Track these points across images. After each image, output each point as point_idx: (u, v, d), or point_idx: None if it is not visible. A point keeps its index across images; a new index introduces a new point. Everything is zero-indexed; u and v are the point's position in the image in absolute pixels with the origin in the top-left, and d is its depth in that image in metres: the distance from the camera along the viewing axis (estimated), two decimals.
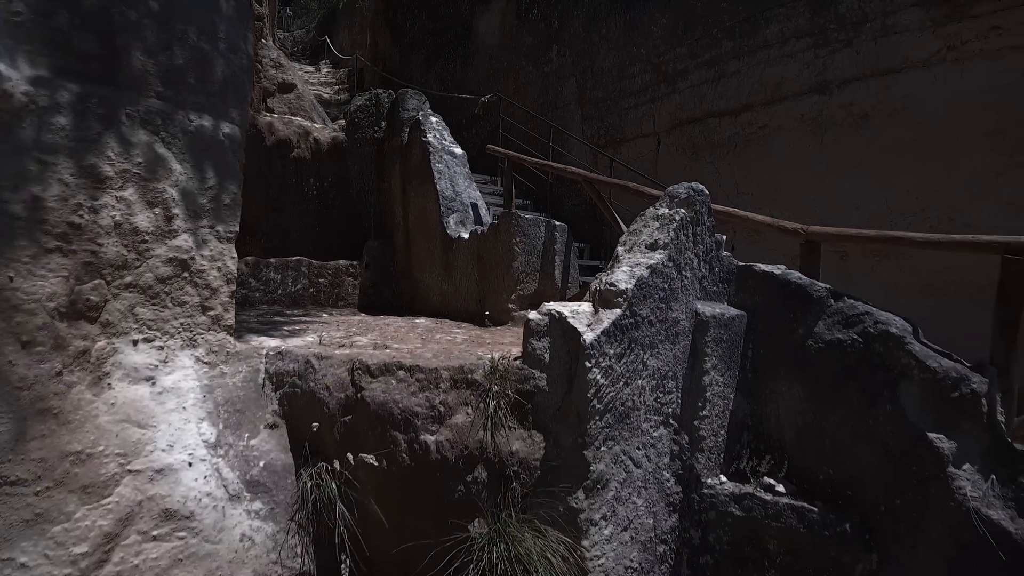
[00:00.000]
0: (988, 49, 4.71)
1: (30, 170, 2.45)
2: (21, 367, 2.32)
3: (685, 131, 6.90)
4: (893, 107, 5.21)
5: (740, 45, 6.36)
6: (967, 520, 2.83)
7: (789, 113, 5.92)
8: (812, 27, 5.76)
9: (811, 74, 5.77)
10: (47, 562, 2.28)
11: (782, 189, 5.87)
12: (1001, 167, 4.53)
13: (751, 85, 6.25)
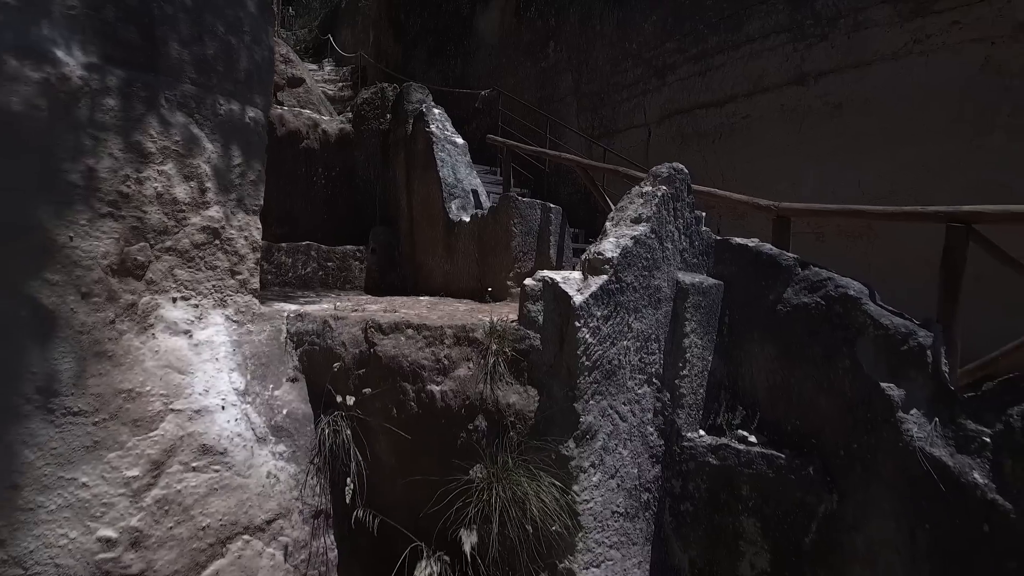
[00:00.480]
0: (950, 42, 5.05)
1: (86, 144, 2.79)
2: (81, 314, 2.66)
3: (674, 122, 7.26)
4: (865, 97, 5.56)
5: (725, 40, 6.71)
6: (913, 458, 3.16)
7: (770, 104, 6.27)
8: (791, 23, 6.11)
9: (790, 67, 6.13)
10: (104, 483, 2.62)
11: (763, 175, 6.21)
12: (963, 151, 4.87)
13: (735, 78, 6.60)
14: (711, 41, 6.87)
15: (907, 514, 3.16)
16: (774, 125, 6.21)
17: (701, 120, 6.96)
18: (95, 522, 2.56)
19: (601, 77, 8.28)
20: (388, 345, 3.41)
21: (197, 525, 2.82)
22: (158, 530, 2.69)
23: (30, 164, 2.59)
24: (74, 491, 2.55)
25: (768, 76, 6.30)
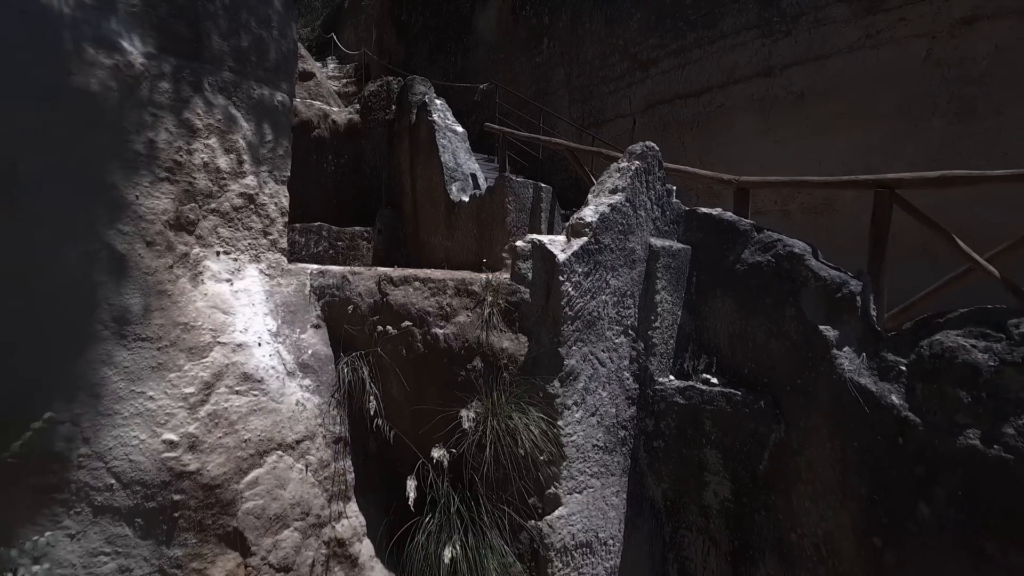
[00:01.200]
0: (897, 37, 5.59)
1: (146, 120, 3.31)
2: (146, 259, 3.19)
3: (657, 111, 7.80)
4: (824, 87, 6.10)
5: (701, 36, 7.25)
6: (845, 387, 3.68)
7: (741, 94, 6.81)
8: (760, 20, 6.65)
9: (759, 60, 6.67)
10: (166, 397, 3.15)
11: (736, 158, 6.76)
12: (908, 133, 5.40)
13: (710, 70, 7.14)
14: (689, 37, 7.42)
15: (840, 435, 3.69)
16: (745, 113, 6.75)
17: (680, 109, 7.51)
18: (160, 428, 3.09)
19: (591, 71, 8.83)
20: (398, 295, 3.95)
21: (240, 438, 3.35)
22: (210, 438, 3.22)
23: (105, 135, 3.11)
24: (143, 402, 3.08)
25: (739, 69, 6.84)
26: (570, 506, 4.26)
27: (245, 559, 3.33)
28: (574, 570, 4.30)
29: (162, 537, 3.08)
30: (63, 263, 2.90)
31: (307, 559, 3.60)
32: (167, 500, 3.07)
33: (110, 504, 2.95)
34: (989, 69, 5.27)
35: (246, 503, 3.33)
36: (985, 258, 3.55)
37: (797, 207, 6.09)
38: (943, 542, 3.19)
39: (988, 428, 3.05)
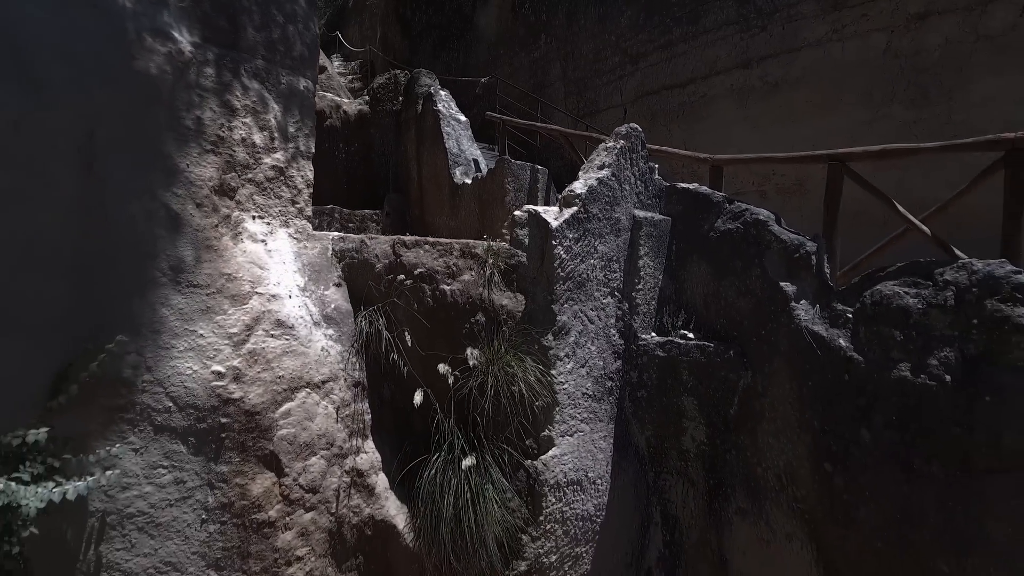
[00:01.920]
0: (860, 31, 6.08)
1: (195, 100, 3.80)
2: (196, 218, 3.68)
3: (645, 101, 8.29)
4: (796, 77, 6.59)
5: (686, 31, 7.75)
6: (801, 334, 4.18)
7: (722, 84, 7.30)
8: (738, 16, 7.14)
9: (737, 53, 7.16)
10: (214, 335, 3.64)
11: (717, 143, 7.24)
12: (869, 119, 5.88)
13: (694, 63, 7.63)
14: (675, 32, 7.91)
15: (797, 377, 4.19)
16: (725, 102, 7.25)
17: (667, 99, 8.00)
18: (209, 361, 3.58)
19: (585, 65, 9.33)
20: (411, 256, 4.44)
21: (275, 374, 3.84)
22: (251, 372, 3.72)
23: (161, 112, 3.60)
24: (195, 339, 3.57)
25: (720, 61, 7.33)
26: (562, 447, 4.76)
27: (279, 479, 3.82)
28: (566, 505, 4.81)
29: (211, 455, 3.58)
30: (129, 218, 3.39)
31: (331, 484, 4.10)
32: (215, 423, 3.57)
33: (168, 424, 3.45)
34: (940, 60, 5.76)
35: (280, 430, 3.83)
36: (919, 219, 4.05)
37: (772, 188, 6.59)
38: (881, 461, 3.69)
39: (916, 361, 3.55)
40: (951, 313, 3.44)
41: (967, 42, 5.64)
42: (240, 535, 3.69)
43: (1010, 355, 3.17)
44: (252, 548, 3.72)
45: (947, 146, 3.86)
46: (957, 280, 3.46)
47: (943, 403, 3.40)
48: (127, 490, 3.35)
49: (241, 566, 3.70)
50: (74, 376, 3.14)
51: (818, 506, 4.07)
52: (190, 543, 3.54)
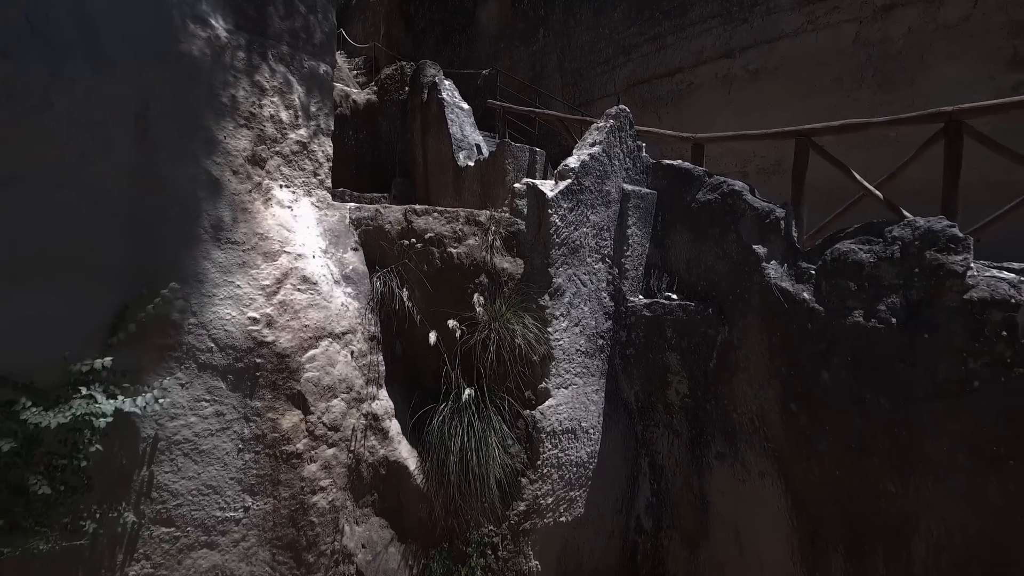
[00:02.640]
0: (832, 22, 6.53)
1: (229, 80, 4.26)
2: (233, 183, 4.14)
3: (637, 90, 8.75)
4: (775, 65, 7.03)
5: (674, 24, 8.20)
6: (771, 291, 4.63)
7: (707, 73, 7.75)
8: (722, 9, 7.60)
9: (722, 44, 7.61)
10: (249, 287, 4.09)
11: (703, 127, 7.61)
12: (840, 103, 6.33)
13: (682, 54, 8.09)
14: (664, 25, 8.37)
15: (767, 329, 4.65)
16: (710, 89, 7.70)
17: (656, 88, 8.46)
18: (246, 308, 4.04)
19: (580, 56, 9.78)
20: (420, 222, 4.90)
21: (302, 323, 4.30)
22: (281, 319, 4.18)
23: (202, 89, 4.06)
24: (232, 289, 4.03)
25: (706, 51, 7.79)
26: (558, 398, 5.22)
27: (306, 416, 4.28)
28: (561, 452, 5.26)
29: (247, 391, 4.04)
30: (176, 181, 3.84)
31: (350, 424, 4.56)
32: (251, 363, 4.03)
33: (210, 363, 3.91)
34: (903, 48, 6.21)
35: (306, 373, 4.28)
36: (874, 186, 4.50)
37: (753, 169, 7.04)
38: (838, 398, 4.15)
39: (868, 308, 4.01)
40: (897, 264, 3.89)
41: (927, 31, 6.11)
42: (271, 464, 4.15)
43: (944, 297, 3.63)
44: (282, 476, 4.19)
45: (895, 120, 4.32)
46: (903, 236, 3.91)
47: (889, 343, 3.86)
48: (175, 420, 3.82)
49: (272, 492, 4.16)
50: (131, 317, 3.59)
51: (785, 443, 4.53)
52: (228, 469, 4.00)
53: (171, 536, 3.85)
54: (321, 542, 4.38)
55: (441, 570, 5.00)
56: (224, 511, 4.00)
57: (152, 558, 3.80)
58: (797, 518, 4.49)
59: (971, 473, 3.47)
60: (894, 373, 3.83)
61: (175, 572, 3.89)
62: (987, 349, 3.43)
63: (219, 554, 4.01)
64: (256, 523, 4.11)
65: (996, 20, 5.65)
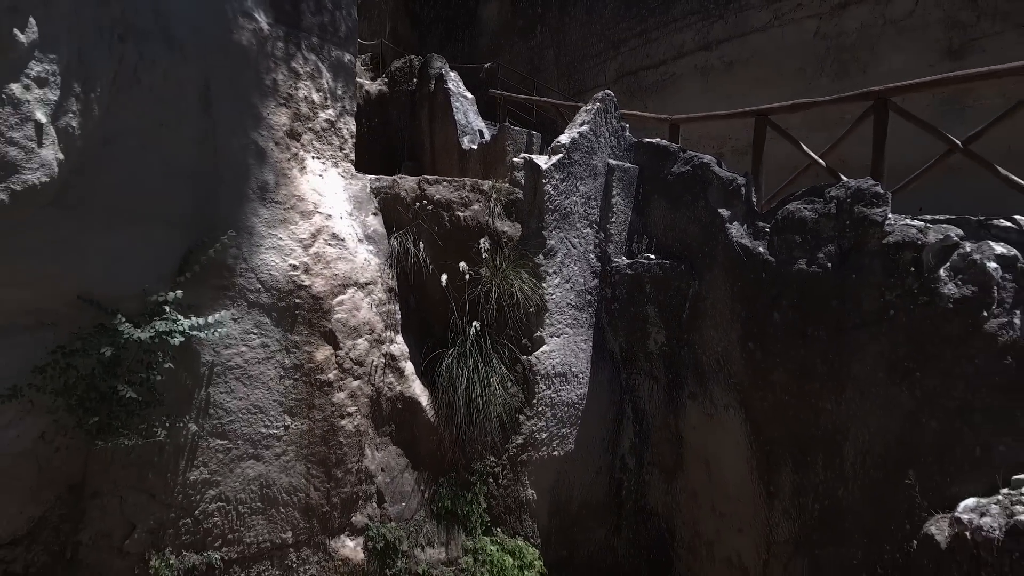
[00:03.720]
0: (796, 18, 7.25)
1: (271, 66, 4.98)
2: (275, 152, 4.86)
3: (625, 81, 9.48)
4: (747, 57, 7.76)
5: (659, 20, 8.94)
6: (733, 247, 5.35)
7: (688, 64, 8.49)
8: (700, 7, 8.34)
9: (700, 38, 8.34)
10: (289, 239, 4.82)
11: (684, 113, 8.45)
12: (803, 90, 7.05)
13: (666, 47, 8.82)
14: (650, 21, 9.11)
15: (730, 280, 5.37)
16: (690, 79, 8.43)
17: (643, 78, 9.19)
18: (287, 257, 4.77)
19: (574, 51, 10.52)
20: (432, 190, 5.63)
21: (332, 271, 5.03)
22: (315, 267, 4.90)
23: (250, 73, 4.78)
24: (276, 240, 4.75)
25: (686, 45, 8.52)
26: (551, 345, 5.93)
27: (335, 351, 5.01)
28: (554, 392, 5.98)
29: (287, 326, 4.77)
30: (231, 149, 4.57)
31: (372, 361, 5.28)
32: (291, 303, 4.76)
33: (258, 301, 4.63)
34: (857, 40, 6.93)
35: (336, 314, 5.01)
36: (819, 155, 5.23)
37: (728, 150, 7.76)
38: (787, 334, 4.87)
39: (810, 256, 4.73)
40: (833, 219, 4.62)
41: (876, 26, 6.82)
42: (307, 390, 4.88)
43: (868, 243, 4.35)
44: (316, 401, 4.92)
45: (836, 98, 5.04)
46: (838, 195, 4.64)
47: (826, 284, 4.58)
48: (228, 348, 4.54)
49: (308, 414, 4.89)
50: (194, 260, 4.31)
51: (745, 378, 5.25)
52: (272, 392, 4.73)
53: (224, 447, 4.58)
54: (348, 460, 5.10)
55: (449, 495, 5.71)
56: (268, 428, 4.73)
57: (209, 465, 4.53)
58: (755, 441, 5.21)
59: (887, 385, 4.20)
60: (830, 309, 4.55)
61: (227, 478, 4.62)
62: (899, 283, 4.16)
63: (264, 465, 4.74)
64: (294, 440, 4.85)
65: (935, 15, 6.38)
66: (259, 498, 4.75)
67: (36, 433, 3.95)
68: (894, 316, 4.17)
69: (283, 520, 4.86)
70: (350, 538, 5.22)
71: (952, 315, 3.88)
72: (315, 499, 4.96)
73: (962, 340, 3.84)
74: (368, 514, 5.32)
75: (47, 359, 3.83)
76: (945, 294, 3.92)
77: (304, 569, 5.01)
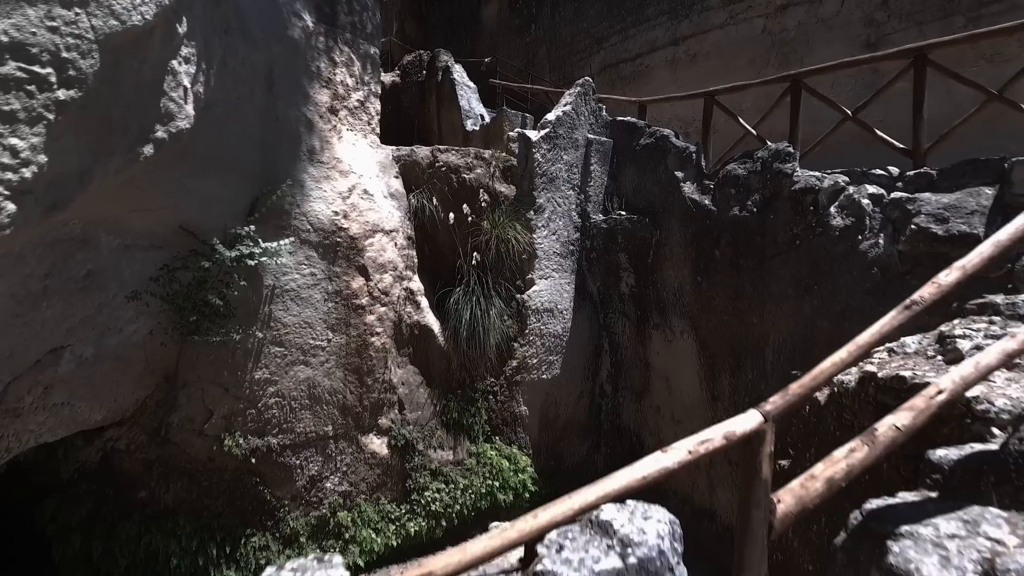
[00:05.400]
0: (747, 17, 8.44)
1: (315, 55, 6.17)
2: (320, 123, 6.06)
3: (607, 72, 10.68)
4: (708, 50, 8.95)
5: (636, 19, 10.14)
6: (685, 202, 6.55)
7: (660, 58, 9.68)
8: (670, 8, 9.53)
9: (670, 34, 9.53)
10: (331, 192, 6.02)
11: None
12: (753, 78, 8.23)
13: (640, 42, 10.01)
14: (628, 20, 10.31)
15: (683, 228, 6.57)
16: (661, 71, 9.63)
17: (622, 70, 10.39)
18: (330, 205, 5.96)
19: (564, 46, 11.73)
20: (443, 157, 6.83)
21: (364, 219, 6.22)
22: (352, 215, 6.10)
23: (301, 60, 5.97)
24: (321, 192, 5.95)
25: (658, 40, 9.72)
26: (540, 286, 7.11)
27: (367, 282, 6.21)
28: (543, 325, 7.16)
29: (330, 260, 5.96)
30: (287, 120, 5.76)
31: (395, 293, 6.49)
32: (333, 241, 5.96)
33: (308, 239, 5.83)
34: (795, 36, 8.13)
35: (368, 253, 6.21)
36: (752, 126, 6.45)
37: (693, 130, 8.92)
38: (724, 267, 6.07)
39: (741, 205, 5.93)
40: (758, 175, 5.82)
41: (811, 23, 8.02)
42: (345, 311, 6.08)
43: (783, 191, 5.55)
44: (352, 320, 6.11)
45: (765, 81, 6.26)
46: (763, 156, 5.83)
47: (752, 225, 5.78)
48: (285, 275, 5.73)
49: (345, 331, 6.09)
50: (261, 205, 5.49)
51: (695, 305, 6.45)
52: (318, 311, 5.92)
53: (281, 353, 5.77)
54: (376, 371, 6.30)
55: (456, 408, 6.88)
56: (315, 340, 5.92)
57: (269, 367, 5.72)
58: (702, 356, 6.41)
59: (795, 299, 5.40)
60: (755, 244, 5.75)
61: (283, 379, 5.81)
62: (803, 220, 5.36)
63: (311, 370, 5.93)
64: (335, 351, 6.04)
65: (856, 15, 7.57)
66: (307, 396, 5.93)
67: (147, 330, 5.13)
68: (799, 245, 5.38)
69: (325, 416, 6.04)
70: (377, 436, 6.40)
71: (838, 240, 5.09)
72: (350, 401, 6.15)
73: (844, 258, 5.04)
74: (391, 418, 6.51)
75: (157, 273, 5.03)
76: (834, 225, 5.12)
77: (341, 458, 6.19)
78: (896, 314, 2.48)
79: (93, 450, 5.60)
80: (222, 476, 5.79)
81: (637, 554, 1.85)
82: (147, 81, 3.40)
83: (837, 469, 2.67)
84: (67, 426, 4.89)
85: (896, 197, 4.81)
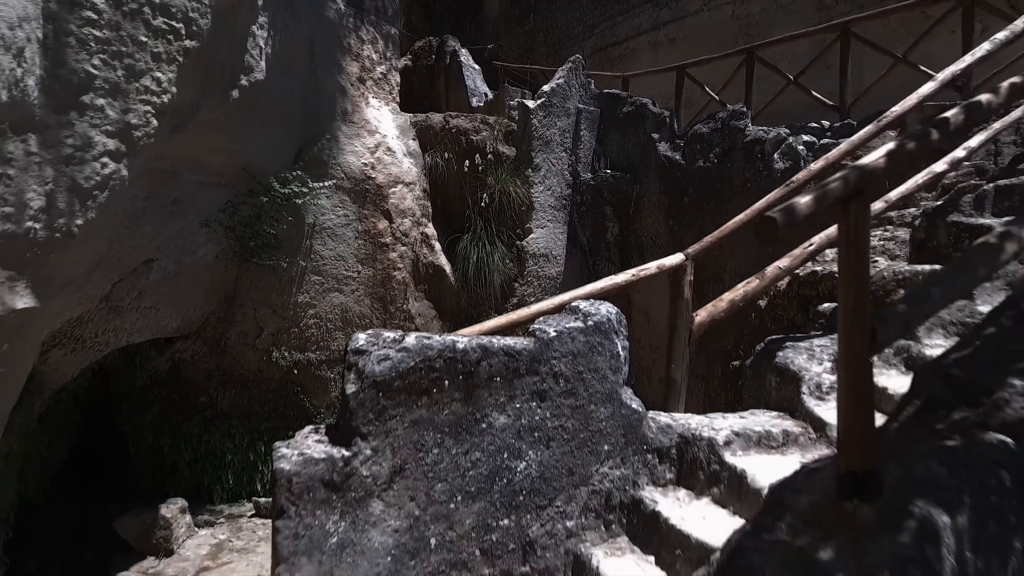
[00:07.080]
0: (719, 4, 9.48)
1: (343, 34, 7.19)
2: (351, 90, 7.10)
3: (598, 55, 11.71)
4: (686, 34, 9.98)
5: (622, 7, 11.16)
6: (661, 158, 7.57)
7: (644, 41, 10.71)
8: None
9: (652, 20, 10.55)
10: (361, 147, 7.08)
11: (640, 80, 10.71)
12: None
13: (627, 27, 11.03)
14: (615, 7, 11.35)
15: (658, 180, 7.60)
16: (645, 53, 10.67)
17: (611, 53, 11.42)
18: (359, 158, 7.00)
19: (559, 33, 12.77)
20: (454, 121, 7.87)
21: (388, 171, 7.27)
22: (378, 167, 7.14)
23: (335, 37, 7.01)
24: (352, 147, 6.97)
25: (642, 25, 10.75)
26: (537, 234, 8.13)
27: (391, 224, 7.25)
28: (539, 267, 8.18)
29: (360, 203, 6.98)
30: (325, 86, 6.80)
31: (413, 235, 7.52)
32: (362, 188, 6.99)
33: (342, 185, 6.82)
34: (759, 20, 9.17)
35: (391, 200, 7.25)
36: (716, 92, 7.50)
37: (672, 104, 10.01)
38: (692, 211, 7.11)
39: (705, 158, 6.96)
40: (719, 133, 6.85)
41: (772, 9, 9.07)
42: (372, 248, 7.12)
43: (738, 144, 6.59)
44: (378, 256, 7.16)
45: (724, 55, 7.31)
46: (723, 117, 6.87)
47: (713, 174, 6.82)
48: (324, 215, 6.77)
49: (372, 264, 7.13)
50: (304, 155, 6.51)
51: (668, 246, 7.44)
52: (349, 246, 6.96)
53: (319, 282, 6.81)
54: (398, 301, 7.35)
55: None
56: (347, 271, 6.97)
57: (309, 293, 6.76)
58: None
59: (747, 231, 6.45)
60: (715, 189, 6.79)
61: (321, 303, 6.85)
62: (753, 166, 6.40)
63: (344, 296, 6.98)
64: (363, 282, 7.09)
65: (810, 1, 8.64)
66: (340, 319, 6.97)
67: (214, 254, 6.16)
68: (750, 187, 6.41)
69: None
70: None
71: (780, 180, 6.10)
72: (376, 325, 7.20)
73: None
74: None
75: (223, 205, 6.07)
76: (776, 168, 6.16)
77: None
78: (779, 190, 3.53)
79: (164, 360, 6.64)
80: (269, 385, 6.82)
81: (593, 319, 2.91)
82: (237, 39, 4.45)
83: (737, 295, 3.77)
84: (152, 329, 5.92)
85: (824, 142, 5.86)
